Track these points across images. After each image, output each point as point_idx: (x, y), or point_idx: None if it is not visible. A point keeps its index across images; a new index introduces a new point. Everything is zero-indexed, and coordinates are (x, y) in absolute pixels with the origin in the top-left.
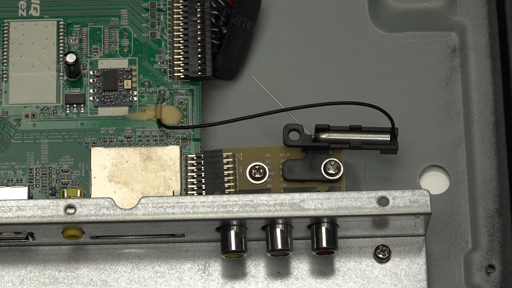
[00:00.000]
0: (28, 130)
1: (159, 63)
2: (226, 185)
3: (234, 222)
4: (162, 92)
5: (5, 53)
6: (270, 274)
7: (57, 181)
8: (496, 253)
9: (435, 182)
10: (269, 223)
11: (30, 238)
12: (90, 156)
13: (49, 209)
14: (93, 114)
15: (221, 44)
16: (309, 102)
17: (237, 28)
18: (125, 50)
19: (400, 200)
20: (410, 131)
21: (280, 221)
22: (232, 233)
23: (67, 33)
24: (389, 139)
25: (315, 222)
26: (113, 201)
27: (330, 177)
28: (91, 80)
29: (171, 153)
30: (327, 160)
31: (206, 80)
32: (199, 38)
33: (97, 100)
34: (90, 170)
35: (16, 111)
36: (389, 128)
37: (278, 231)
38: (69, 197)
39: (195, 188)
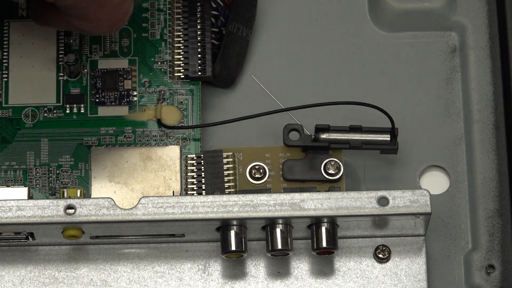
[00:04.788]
0: (28, 130)
1: (159, 63)
2: (226, 185)
3: (234, 222)
4: (162, 92)
5: (5, 53)
6: (270, 274)
7: (57, 181)
8: (496, 253)
9: (435, 182)
10: (269, 223)
11: (30, 238)
12: (90, 156)
13: (49, 209)
14: (93, 114)
15: (221, 44)
16: (309, 102)
17: (233, 35)
18: (125, 50)
19: (400, 200)
20: (410, 131)
21: (280, 221)
22: (232, 233)
23: (67, 33)
24: (389, 139)
25: (315, 222)
26: (113, 201)
27: (330, 177)
28: (91, 80)
29: (171, 153)
30: (327, 160)
31: (206, 80)
32: (199, 38)
33: (97, 100)
34: (90, 170)
35: (16, 111)
36: (389, 128)
37: (278, 231)
38: (69, 197)
39: (195, 188)
